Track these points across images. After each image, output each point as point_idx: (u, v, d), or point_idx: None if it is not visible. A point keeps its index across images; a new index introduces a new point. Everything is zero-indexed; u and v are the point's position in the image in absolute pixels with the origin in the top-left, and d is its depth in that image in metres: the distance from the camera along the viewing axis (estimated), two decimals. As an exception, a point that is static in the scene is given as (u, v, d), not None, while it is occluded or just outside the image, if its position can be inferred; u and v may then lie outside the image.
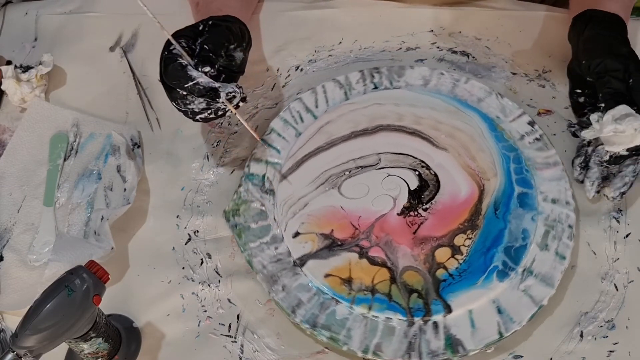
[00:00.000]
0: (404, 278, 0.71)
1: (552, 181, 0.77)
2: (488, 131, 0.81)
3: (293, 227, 0.75)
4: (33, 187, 0.83)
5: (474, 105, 0.83)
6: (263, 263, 0.73)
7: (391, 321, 0.69)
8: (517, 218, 0.74)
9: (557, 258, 0.72)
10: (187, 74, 0.67)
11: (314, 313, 0.70)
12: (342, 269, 0.72)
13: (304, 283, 0.72)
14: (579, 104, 0.80)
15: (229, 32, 0.72)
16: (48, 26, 0.98)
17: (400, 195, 0.76)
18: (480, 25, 0.92)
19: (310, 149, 0.80)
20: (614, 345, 0.69)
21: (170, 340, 0.72)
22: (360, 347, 0.67)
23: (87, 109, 0.89)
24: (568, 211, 0.74)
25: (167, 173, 0.83)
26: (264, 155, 0.79)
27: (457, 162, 0.78)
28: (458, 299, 0.69)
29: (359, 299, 0.70)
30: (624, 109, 0.71)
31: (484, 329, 0.68)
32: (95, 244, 0.75)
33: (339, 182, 0.77)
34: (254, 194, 0.77)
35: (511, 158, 0.78)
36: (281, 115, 0.83)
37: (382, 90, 0.84)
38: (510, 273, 0.71)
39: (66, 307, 0.59)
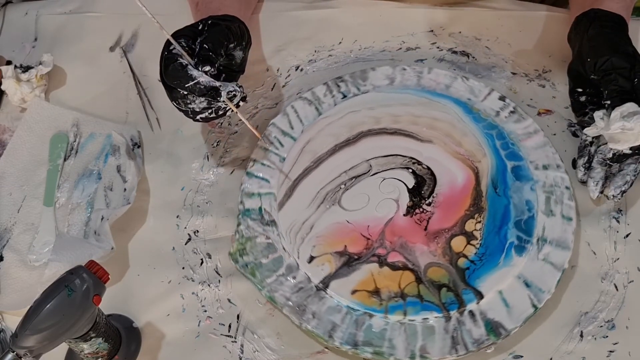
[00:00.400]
0: (429, 275, 0.71)
1: (537, 149, 0.79)
2: (464, 114, 0.82)
3: (305, 252, 0.73)
4: (33, 187, 0.83)
5: (444, 92, 0.84)
6: (286, 295, 0.71)
7: (428, 321, 0.69)
8: (517, 191, 0.76)
9: (564, 221, 0.74)
10: (187, 73, 0.67)
11: (351, 332, 0.68)
12: (366, 281, 0.71)
13: (332, 305, 0.70)
14: (579, 103, 0.80)
15: (228, 31, 0.72)
16: (48, 26, 0.98)
17: (401, 195, 0.76)
18: (480, 25, 0.92)
19: (299, 171, 0.78)
20: (614, 345, 0.69)
21: (170, 340, 0.72)
22: (406, 355, 0.67)
23: (87, 109, 0.89)
24: (561, 174, 0.77)
25: (167, 173, 0.83)
26: (253, 188, 0.78)
27: (445, 151, 0.79)
28: (486, 283, 0.70)
29: (392, 307, 0.69)
30: (632, 107, 0.71)
31: (518, 306, 0.69)
32: (95, 244, 0.75)
33: (338, 197, 0.76)
34: (255, 229, 0.75)
35: (494, 135, 0.80)
36: (260, 144, 0.81)
37: (351, 98, 0.84)
38: (527, 246, 0.72)
39: (66, 307, 0.59)
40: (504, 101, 0.83)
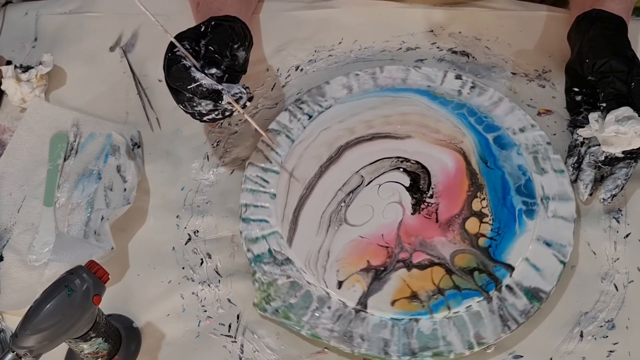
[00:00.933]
0: (457, 264, 0.72)
1: (508, 115, 0.82)
2: (431, 102, 0.83)
3: (332, 279, 0.72)
4: (33, 187, 0.83)
5: (402, 86, 0.85)
6: (327, 328, 0.69)
7: (472, 308, 0.69)
8: (506, 160, 0.78)
9: (557, 174, 0.77)
10: (190, 75, 0.67)
11: (404, 343, 0.68)
12: (401, 289, 0.71)
13: (377, 322, 0.69)
14: (575, 102, 0.80)
15: (232, 32, 0.73)
16: (48, 26, 0.98)
17: (402, 196, 0.76)
18: (480, 25, 0.92)
19: (295, 202, 0.77)
20: (614, 345, 0.69)
21: (170, 340, 0.72)
22: (465, 347, 0.67)
23: (87, 109, 0.89)
24: (538, 132, 0.80)
25: (167, 173, 0.83)
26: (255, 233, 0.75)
27: (426, 141, 0.80)
28: (511, 254, 0.72)
29: (434, 305, 0.69)
30: (627, 111, 0.71)
31: (547, 267, 0.71)
32: (95, 244, 0.75)
33: (342, 215, 0.75)
34: (273, 272, 0.73)
35: (465, 113, 0.82)
36: (244, 187, 0.78)
37: (318, 117, 0.83)
38: (534, 208, 0.74)
39: (66, 307, 0.59)
40: (461, 79, 0.85)
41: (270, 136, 0.81)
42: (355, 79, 0.85)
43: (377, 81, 0.85)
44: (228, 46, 0.72)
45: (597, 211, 0.77)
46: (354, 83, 0.85)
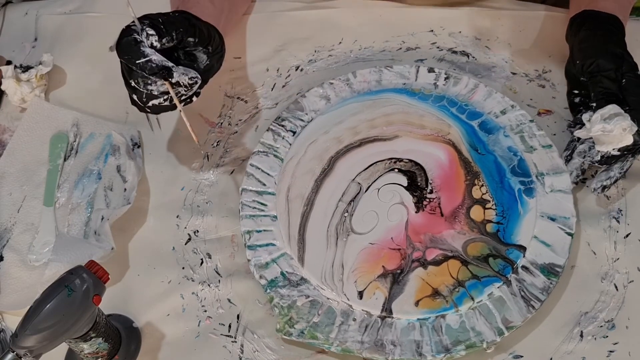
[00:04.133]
0: (471, 253, 0.72)
1: (487, 99, 0.83)
2: (410, 98, 0.84)
3: (351, 291, 0.71)
4: (33, 187, 0.83)
5: (379, 88, 0.85)
6: (357, 340, 0.68)
7: (494, 294, 0.70)
8: (495, 144, 0.79)
9: (546, 150, 0.79)
10: (140, 49, 0.66)
11: (436, 341, 0.68)
12: (422, 288, 0.71)
13: (405, 326, 0.69)
14: (575, 104, 0.81)
15: (188, 24, 0.70)
16: (48, 26, 0.98)
17: (403, 196, 0.77)
18: (480, 25, 0.92)
19: (297, 220, 0.76)
20: (614, 345, 0.69)
21: (170, 340, 0.72)
22: (495, 334, 0.67)
23: (87, 109, 0.89)
24: (519, 112, 0.81)
25: (167, 173, 0.83)
26: (264, 258, 0.73)
27: (415, 138, 0.80)
28: (520, 235, 0.73)
29: (457, 298, 0.70)
30: (612, 109, 0.72)
31: (556, 241, 0.72)
32: (95, 244, 0.75)
33: (348, 226, 0.75)
34: (290, 294, 0.71)
35: (446, 105, 0.83)
36: (243, 214, 0.76)
37: (302, 132, 0.82)
38: (531, 186, 0.76)
39: (66, 307, 0.59)
40: (434, 72, 0.85)
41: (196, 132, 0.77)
42: (330, 87, 0.85)
43: (353, 87, 0.85)
44: (178, 31, 0.69)
45: (597, 211, 0.77)
46: (330, 92, 0.85)
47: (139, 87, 0.69)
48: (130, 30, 0.67)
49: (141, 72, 0.66)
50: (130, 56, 0.66)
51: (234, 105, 0.88)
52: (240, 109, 0.88)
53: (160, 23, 0.68)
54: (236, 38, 0.93)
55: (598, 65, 0.74)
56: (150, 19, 0.68)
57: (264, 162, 0.80)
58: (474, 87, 0.84)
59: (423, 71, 0.86)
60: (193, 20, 0.71)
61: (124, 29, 0.67)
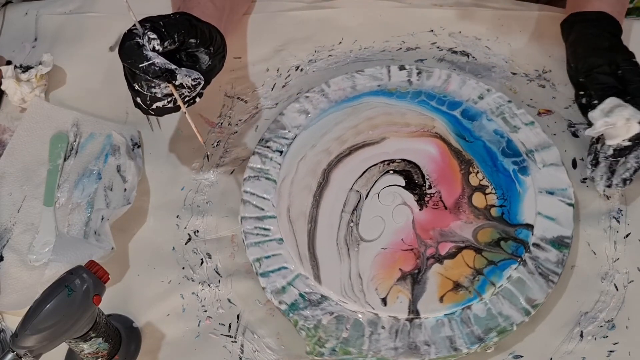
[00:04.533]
0: (482, 240, 0.73)
1: (462, 87, 0.84)
2: (388, 99, 0.84)
3: (374, 299, 0.70)
4: (33, 187, 0.83)
5: (355, 94, 0.85)
6: (390, 347, 0.68)
7: (513, 276, 0.71)
8: (481, 129, 0.80)
9: (529, 127, 0.80)
10: (142, 53, 0.66)
11: (467, 333, 0.68)
12: (443, 283, 0.71)
13: (434, 324, 0.69)
14: (582, 105, 0.81)
15: (189, 25, 0.70)
16: (48, 26, 0.98)
17: (404, 196, 0.77)
18: (480, 25, 0.92)
19: (305, 239, 0.75)
20: (614, 345, 0.69)
21: (170, 340, 0.72)
22: (523, 315, 0.68)
23: (87, 109, 0.89)
24: (496, 95, 0.83)
25: (167, 173, 0.83)
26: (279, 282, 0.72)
27: (402, 137, 0.80)
28: (525, 214, 0.74)
29: (479, 287, 0.70)
30: (611, 102, 0.72)
31: (559, 214, 0.74)
32: (96, 244, 0.75)
33: (356, 235, 0.74)
34: (314, 315, 0.70)
35: (425, 99, 0.83)
36: (248, 243, 0.75)
37: (289, 150, 0.81)
38: (524, 164, 0.77)
39: (66, 307, 0.59)
40: (405, 69, 0.86)
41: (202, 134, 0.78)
42: (307, 101, 0.84)
43: (329, 96, 0.84)
44: (180, 32, 0.69)
45: (597, 211, 0.77)
46: (307, 105, 0.84)
47: (143, 90, 0.69)
48: (132, 34, 0.67)
49: (144, 76, 0.67)
50: (133, 60, 0.66)
51: (234, 105, 0.88)
52: (240, 109, 0.88)
53: (161, 26, 0.68)
54: (236, 38, 0.93)
55: (589, 63, 0.75)
56: (151, 21, 0.68)
57: (258, 186, 0.78)
58: (447, 78, 0.85)
59: (394, 70, 0.86)
60: (194, 21, 0.71)
61: (125, 33, 0.67)
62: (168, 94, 0.69)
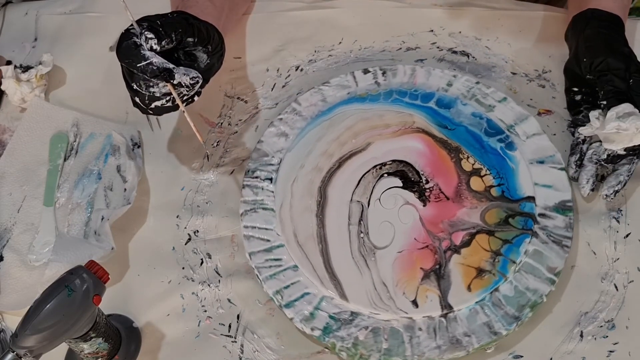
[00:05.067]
0: (490, 222, 0.74)
1: (429, 79, 0.85)
2: (361, 104, 0.83)
3: (405, 304, 0.70)
4: (33, 187, 0.83)
5: (328, 106, 0.84)
6: (434, 347, 0.67)
7: (529, 250, 0.72)
8: (459, 115, 0.82)
9: (503, 103, 0.82)
10: (140, 52, 0.66)
11: (503, 315, 0.68)
12: (466, 273, 0.71)
13: (468, 314, 0.69)
14: (575, 102, 0.81)
15: (186, 24, 0.70)
16: (48, 26, 0.98)
17: (404, 196, 0.77)
18: (480, 25, 0.92)
19: (319, 259, 0.73)
20: (614, 345, 0.69)
21: (170, 340, 0.72)
22: (549, 284, 0.70)
23: (87, 109, 0.89)
24: (463, 79, 0.84)
25: (167, 173, 0.83)
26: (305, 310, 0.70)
27: (386, 139, 0.81)
28: (522, 187, 0.76)
29: (501, 268, 0.71)
30: (627, 107, 0.72)
31: (554, 180, 0.76)
32: (96, 244, 0.75)
33: (369, 245, 0.74)
34: (350, 333, 0.69)
35: (398, 97, 0.84)
36: (264, 277, 0.72)
37: (279, 176, 0.79)
38: (508, 140, 0.79)
39: (66, 307, 0.59)
40: (369, 71, 0.86)
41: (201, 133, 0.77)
42: (282, 123, 0.83)
43: (303, 114, 0.83)
44: (177, 31, 0.69)
45: (597, 211, 0.77)
46: (284, 128, 0.82)
47: (141, 90, 0.69)
48: (129, 33, 0.67)
49: (142, 75, 0.67)
50: (130, 60, 0.66)
51: (234, 105, 0.88)
52: (240, 109, 0.88)
53: (158, 25, 0.68)
54: (236, 38, 0.93)
55: (608, 63, 0.74)
56: (148, 21, 0.68)
57: (256, 219, 0.76)
58: (412, 72, 0.85)
59: (359, 75, 0.86)
60: (191, 20, 0.71)
61: (123, 32, 0.67)
62: (166, 93, 0.69)
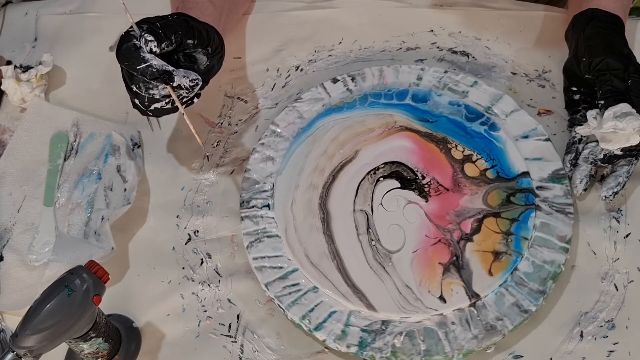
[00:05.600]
0: (494, 204, 0.75)
1: (398, 76, 0.85)
2: (339, 114, 0.83)
3: (432, 301, 0.70)
4: (33, 187, 0.83)
5: (306, 122, 0.82)
6: (470, 337, 0.68)
7: (537, 224, 0.74)
8: (438, 106, 0.82)
9: (475, 87, 0.84)
10: (139, 55, 0.66)
11: (527, 292, 0.70)
12: (484, 258, 0.72)
13: (495, 298, 0.70)
14: (573, 101, 0.81)
15: (186, 26, 0.70)
16: (48, 26, 0.98)
17: (405, 196, 0.77)
18: (480, 25, 0.92)
19: (338, 276, 0.72)
20: (614, 345, 0.69)
21: (170, 340, 0.72)
22: (563, 253, 0.71)
23: (87, 109, 0.89)
24: (432, 70, 0.85)
25: (167, 173, 0.83)
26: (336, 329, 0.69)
27: (373, 143, 0.81)
28: (515, 165, 0.78)
29: (515, 247, 0.72)
30: (625, 107, 0.72)
31: (542, 152, 0.78)
32: (96, 244, 0.75)
33: (383, 251, 0.73)
34: (386, 342, 0.68)
35: (373, 100, 0.84)
36: (285, 306, 0.71)
37: (275, 201, 0.77)
38: (489, 121, 0.81)
39: (66, 307, 0.59)
40: (339, 79, 0.86)
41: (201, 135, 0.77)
42: (265, 147, 0.81)
43: (284, 134, 0.82)
44: (177, 34, 0.69)
45: (597, 211, 0.77)
46: (268, 152, 0.81)
47: (141, 92, 0.69)
48: (129, 36, 0.67)
49: (142, 78, 0.67)
50: (130, 62, 0.66)
51: (234, 105, 0.88)
52: (240, 109, 0.88)
53: (158, 27, 0.68)
54: (236, 38, 0.93)
55: (607, 63, 0.74)
56: (148, 23, 0.68)
57: (264, 248, 0.75)
58: (380, 73, 0.86)
59: (329, 85, 0.85)
60: (191, 22, 0.71)
61: (123, 34, 0.67)
62: (166, 95, 0.69)
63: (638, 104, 0.73)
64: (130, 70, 0.67)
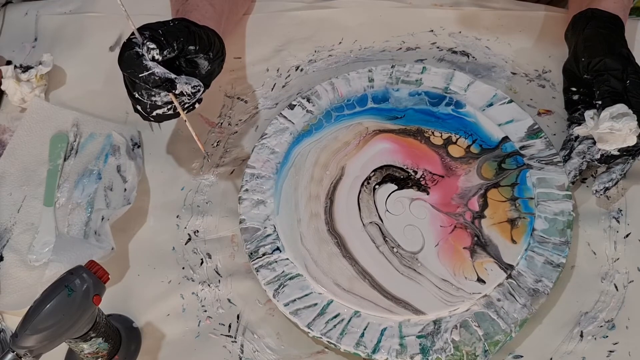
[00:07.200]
0: (489, 176, 0.77)
1: (351, 85, 0.86)
2: (310, 138, 0.82)
3: (472, 285, 0.70)
4: (33, 187, 0.83)
5: (282, 156, 0.81)
6: (519, 306, 0.69)
7: (534, 182, 0.76)
8: (400, 101, 0.84)
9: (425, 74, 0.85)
10: (142, 63, 0.66)
11: (552, 247, 0.72)
12: (502, 229, 0.74)
13: (527, 263, 0.72)
14: (572, 101, 0.81)
15: (188, 32, 0.70)
16: (48, 26, 0.98)
17: (406, 195, 0.77)
18: (480, 25, 0.92)
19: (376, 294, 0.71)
20: (614, 345, 0.69)
21: (170, 340, 0.72)
22: (569, 200, 0.74)
23: (87, 109, 0.89)
24: (379, 69, 0.86)
25: (167, 173, 0.83)
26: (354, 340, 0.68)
27: (355, 155, 0.80)
28: (493, 134, 0.80)
29: (525, 208, 0.75)
30: (622, 108, 0.72)
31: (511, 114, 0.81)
32: (96, 244, 0.75)
33: (408, 255, 0.73)
34: (445, 339, 0.68)
35: (337, 114, 0.84)
36: (306, 324, 0.69)
37: (283, 244, 0.75)
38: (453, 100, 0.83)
39: (66, 307, 0.59)
40: (295, 104, 0.84)
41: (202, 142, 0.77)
42: (251, 193, 0.78)
43: (263, 174, 0.80)
44: (179, 40, 0.69)
45: (597, 211, 0.77)
46: (256, 195, 0.78)
47: (143, 99, 0.69)
48: (131, 43, 0.67)
49: (144, 85, 0.67)
50: (132, 70, 0.66)
51: (234, 106, 0.88)
52: (240, 109, 0.88)
53: (160, 34, 0.68)
54: (236, 38, 0.93)
55: (605, 64, 0.74)
56: (150, 29, 0.68)
57: (290, 292, 0.72)
58: (332, 86, 0.86)
59: (288, 113, 0.84)
60: (193, 27, 0.71)
61: (125, 42, 0.68)
62: (168, 101, 0.69)
63: (636, 104, 0.73)
64: (133, 78, 0.67)
